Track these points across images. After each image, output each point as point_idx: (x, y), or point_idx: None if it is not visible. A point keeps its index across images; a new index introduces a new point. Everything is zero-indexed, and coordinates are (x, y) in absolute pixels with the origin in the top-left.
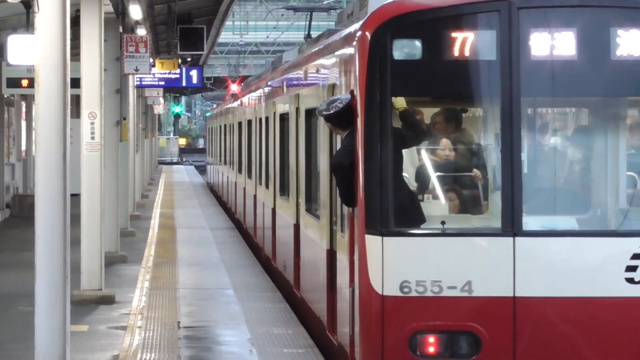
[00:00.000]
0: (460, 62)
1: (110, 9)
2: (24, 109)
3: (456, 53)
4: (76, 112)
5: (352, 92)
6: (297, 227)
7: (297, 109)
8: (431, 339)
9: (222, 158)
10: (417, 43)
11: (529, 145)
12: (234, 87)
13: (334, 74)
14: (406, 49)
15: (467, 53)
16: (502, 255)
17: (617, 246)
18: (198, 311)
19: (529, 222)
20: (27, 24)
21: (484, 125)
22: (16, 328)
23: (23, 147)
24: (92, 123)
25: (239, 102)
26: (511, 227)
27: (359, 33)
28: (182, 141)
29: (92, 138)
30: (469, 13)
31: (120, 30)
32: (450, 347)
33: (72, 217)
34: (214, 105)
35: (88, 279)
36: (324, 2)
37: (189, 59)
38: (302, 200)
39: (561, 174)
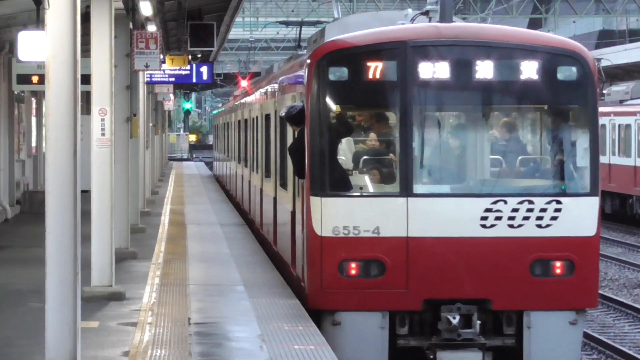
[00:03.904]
0: (374, 82)
1: (120, 5)
2: (34, 106)
3: (370, 76)
4: (86, 108)
5: (303, 101)
6: (275, 200)
7: (276, 112)
8: (353, 265)
9: (225, 151)
10: (345, 69)
11: (418, 138)
12: (244, 83)
13: (294, 87)
14: (337, 73)
15: (377, 76)
16: (400, 210)
17: (476, 204)
18: (208, 307)
19: (418, 188)
20: (37, 20)
21: (394, 124)
22: (27, 324)
23: (33, 144)
24: (103, 119)
25: (238, 103)
26: (406, 191)
27: (307, 61)
28: (193, 137)
29: (103, 134)
30: (379, 49)
31: (131, 26)
32: (365, 270)
33: (83, 213)
34: (219, 105)
35: (98, 275)
36: None
37: (199, 55)
38: (277, 179)
39: (442, 157)
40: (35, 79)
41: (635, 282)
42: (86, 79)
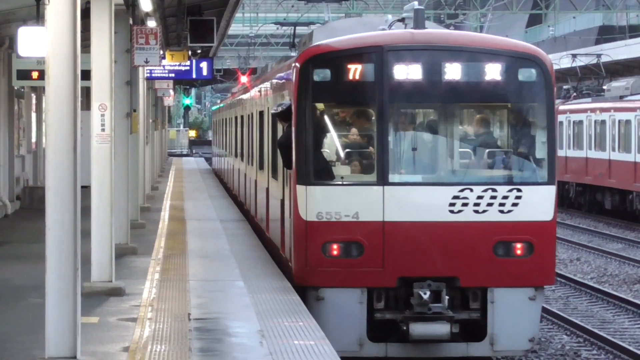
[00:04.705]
0: (353, 82)
1: (120, 1)
2: (34, 101)
3: (350, 77)
4: (86, 104)
5: (291, 99)
6: (267, 190)
7: (268, 109)
8: (335, 246)
9: (223, 145)
10: (328, 71)
11: (393, 132)
12: (244, 79)
13: (283, 86)
14: (321, 74)
15: (357, 77)
16: (377, 197)
17: (445, 191)
18: (208, 303)
19: (393, 177)
20: (37, 15)
21: (373, 120)
22: (27, 320)
23: (33, 139)
24: (102, 115)
25: (234, 100)
26: (382, 180)
27: (294, 64)
28: (192, 133)
29: (103, 130)
30: (359, 53)
31: (130, 22)
32: (346, 251)
33: (83, 209)
34: (218, 100)
35: (98, 270)
36: None
37: (198, 51)
38: (269, 170)
39: (415, 150)
40: (35, 74)
41: (635, 278)
42: (86, 75)
